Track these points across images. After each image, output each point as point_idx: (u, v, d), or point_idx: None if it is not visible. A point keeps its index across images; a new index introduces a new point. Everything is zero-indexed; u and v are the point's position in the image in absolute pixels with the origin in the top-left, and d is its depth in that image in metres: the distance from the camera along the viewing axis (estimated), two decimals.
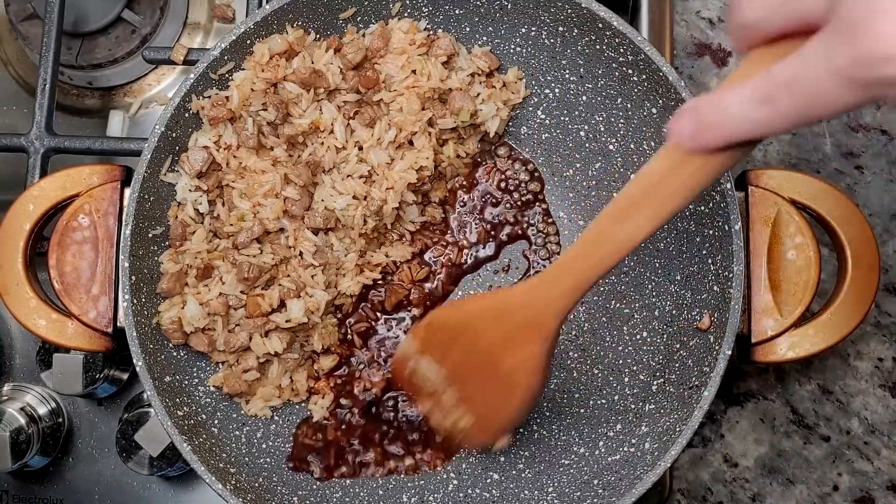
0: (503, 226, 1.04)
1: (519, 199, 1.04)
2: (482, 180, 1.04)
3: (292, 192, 0.94)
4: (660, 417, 0.91)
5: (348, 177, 0.96)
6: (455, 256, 1.04)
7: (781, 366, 1.11)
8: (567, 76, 0.99)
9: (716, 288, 0.90)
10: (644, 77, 0.92)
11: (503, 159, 1.05)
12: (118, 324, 0.92)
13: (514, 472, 0.98)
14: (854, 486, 1.09)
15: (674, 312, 0.96)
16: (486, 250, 1.04)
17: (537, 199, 1.04)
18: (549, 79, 1.01)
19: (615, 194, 0.70)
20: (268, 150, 0.95)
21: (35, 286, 0.93)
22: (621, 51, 0.92)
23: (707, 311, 0.91)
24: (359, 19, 0.97)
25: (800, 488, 1.10)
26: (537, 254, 1.04)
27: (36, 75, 1.07)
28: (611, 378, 0.99)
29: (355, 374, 1.02)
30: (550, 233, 1.04)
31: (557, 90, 1.01)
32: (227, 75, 0.94)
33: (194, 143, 0.94)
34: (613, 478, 0.90)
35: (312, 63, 0.95)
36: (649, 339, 0.97)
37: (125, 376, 1.07)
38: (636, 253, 0.99)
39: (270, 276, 0.95)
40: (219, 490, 0.87)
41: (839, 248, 0.92)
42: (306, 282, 0.95)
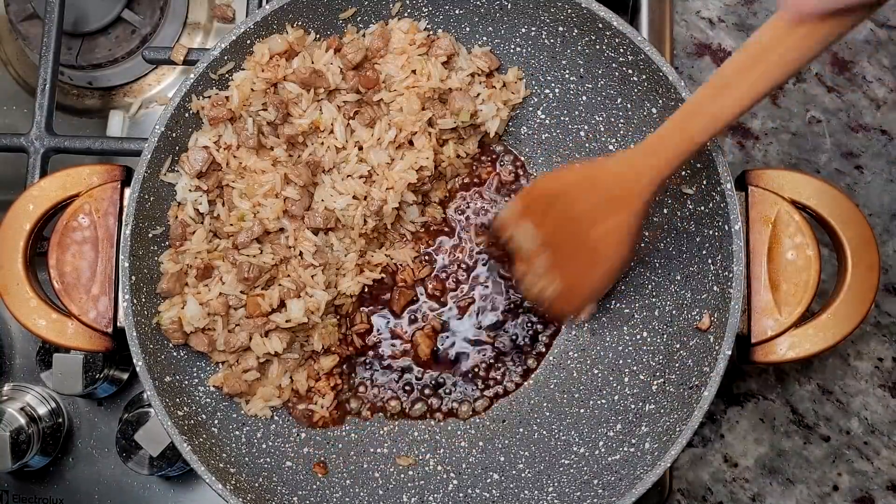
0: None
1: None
2: (482, 180, 1.04)
3: (292, 192, 0.94)
4: (660, 417, 0.91)
5: (348, 177, 0.96)
6: (458, 256, 1.04)
7: (781, 366, 1.11)
8: (567, 76, 0.99)
9: (716, 288, 0.90)
10: (644, 77, 0.92)
11: (503, 159, 1.05)
12: (118, 324, 0.92)
13: (514, 472, 0.98)
14: (854, 486, 1.09)
15: (674, 312, 0.95)
16: (486, 249, 1.04)
17: None
18: (549, 79, 1.00)
19: (718, 68, 0.71)
20: (268, 150, 0.95)
21: (35, 286, 0.93)
22: (621, 51, 0.92)
23: (707, 311, 0.91)
24: (359, 19, 0.97)
25: (800, 488, 1.10)
26: None
27: (36, 75, 1.07)
28: (611, 378, 0.99)
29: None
30: None
31: (557, 90, 1.01)
32: (227, 75, 0.94)
33: (194, 143, 0.94)
34: (613, 478, 0.90)
35: (312, 63, 0.95)
36: (649, 339, 0.97)
37: (125, 376, 1.07)
38: (636, 253, 0.99)
39: (270, 276, 0.95)
40: (219, 490, 0.87)
41: (839, 248, 0.92)
42: (306, 282, 0.95)
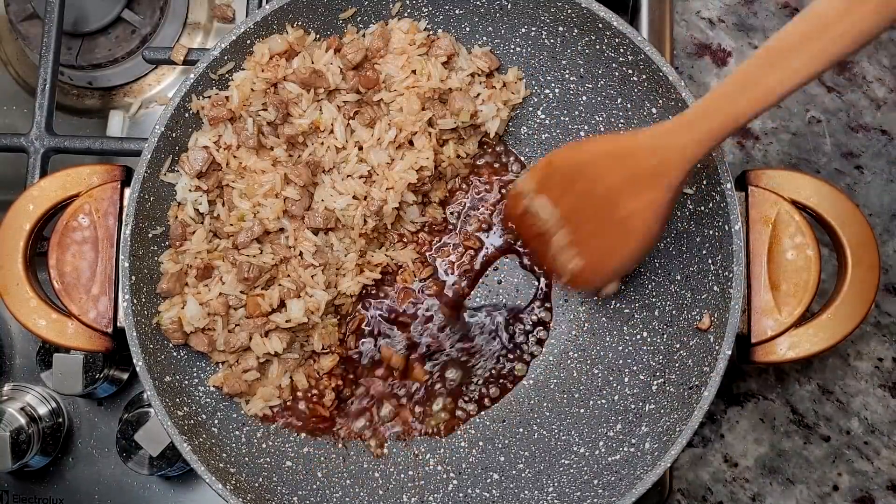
0: (500, 226, 1.04)
1: None
2: (482, 180, 1.04)
3: (292, 192, 0.94)
4: (660, 417, 0.91)
5: (348, 177, 0.96)
6: (460, 256, 1.04)
7: (781, 366, 1.11)
8: (567, 76, 0.99)
9: (716, 288, 0.90)
10: (644, 77, 0.92)
11: (502, 159, 1.05)
12: (118, 324, 0.92)
13: (514, 472, 0.98)
14: (854, 486, 1.09)
15: (674, 312, 0.95)
16: (487, 250, 1.04)
17: None
18: (549, 79, 1.00)
19: (769, 38, 0.64)
20: (268, 150, 0.95)
21: (35, 286, 0.93)
22: (621, 51, 0.92)
23: (707, 311, 0.91)
24: (359, 19, 0.97)
25: (800, 488, 1.10)
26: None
27: (36, 75, 1.07)
28: (611, 378, 0.99)
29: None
30: None
31: (557, 90, 1.01)
32: (227, 75, 0.94)
33: (194, 143, 0.94)
34: (613, 478, 0.90)
35: (312, 63, 0.95)
36: (649, 339, 0.97)
37: (125, 376, 1.07)
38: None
39: (270, 276, 0.95)
40: (219, 490, 0.87)
41: (839, 248, 0.92)
42: (306, 282, 0.95)
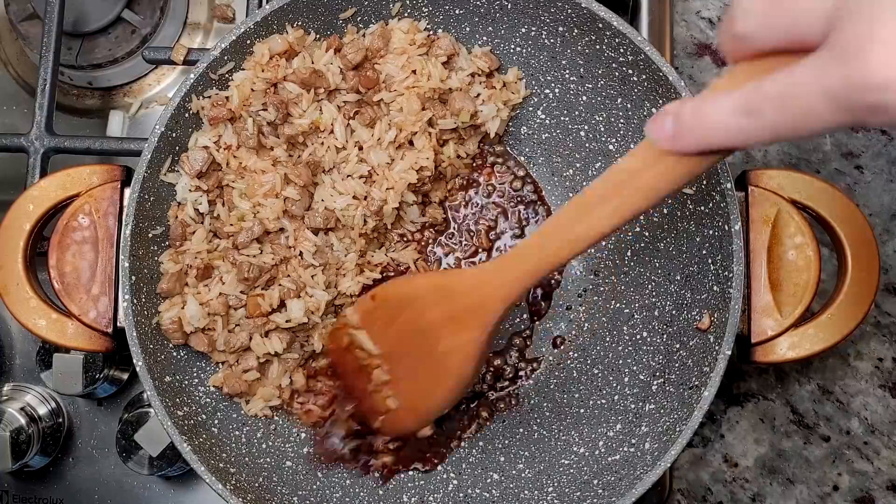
0: (503, 225, 1.04)
1: (519, 199, 1.04)
2: (482, 180, 1.05)
3: (292, 192, 0.94)
4: (660, 417, 0.91)
5: (348, 177, 0.96)
6: (463, 255, 1.04)
7: (781, 366, 1.11)
8: (567, 76, 0.99)
9: (716, 288, 0.90)
10: (644, 77, 0.92)
11: (502, 159, 1.05)
12: (118, 324, 0.92)
13: (514, 472, 0.98)
14: (854, 486, 1.09)
15: (674, 312, 0.95)
16: (487, 250, 1.04)
17: (537, 199, 1.04)
18: (549, 79, 1.00)
19: (584, 188, 0.70)
20: (268, 150, 0.95)
21: (35, 286, 0.93)
22: (621, 51, 0.92)
23: (707, 311, 0.91)
24: (359, 19, 0.97)
25: (800, 488, 1.09)
26: None
27: (36, 75, 1.07)
28: (611, 378, 0.99)
29: None
30: None
31: (557, 90, 1.01)
32: (227, 75, 0.94)
33: (194, 143, 0.94)
34: (613, 478, 0.90)
35: (312, 63, 0.95)
36: (649, 339, 0.97)
37: (125, 376, 1.07)
38: (636, 253, 0.99)
39: (270, 276, 0.95)
40: (219, 490, 0.87)
41: (839, 248, 0.92)
42: (306, 282, 0.95)
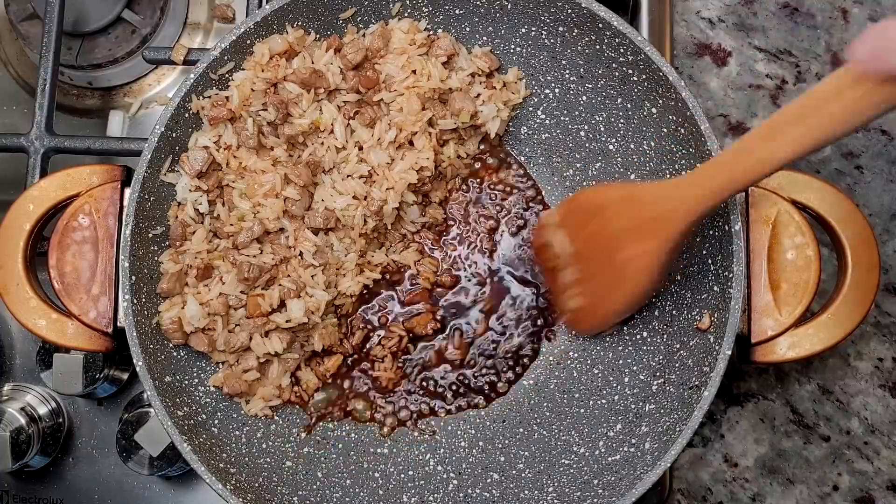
0: (503, 225, 1.04)
1: (519, 199, 1.04)
2: (482, 180, 1.04)
3: (292, 192, 0.94)
4: (660, 417, 0.91)
5: (348, 177, 0.96)
6: (464, 254, 1.04)
7: (781, 366, 1.11)
8: (567, 76, 0.99)
9: (716, 288, 0.90)
10: (644, 77, 0.92)
11: (502, 159, 1.05)
12: (118, 324, 0.92)
13: (514, 472, 0.98)
14: (854, 486, 1.09)
15: (674, 312, 0.95)
16: (487, 249, 1.04)
17: (537, 199, 1.04)
18: (549, 79, 1.00)
19: (776, 111, 0.71)
20: (268, 150, 0.95)
21: (35, 286, 0.93)
22: (621, 51, 0.92)
23: (707, 311, 0.91)
24: (359, 19, 0.97)
25: (800, 488, 1.09)
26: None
27: (36, 75, 1.07)
28: (611, 378, 0.99)
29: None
30: None
31: (557, 90, 1.01)
32: (227, 75, 0.94)
33: (194, 143, 0.94)
34: (613, 478, 0.90)
35: (312, 63, 0.95)
36: (649, 339, 0.97)
37: (125, 376, 1.07)
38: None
39: (270, 276, 0.95)
40: (219, 490, 0.87)
41: (839, 248, 0.92)
42: (306, 282, 0.95)
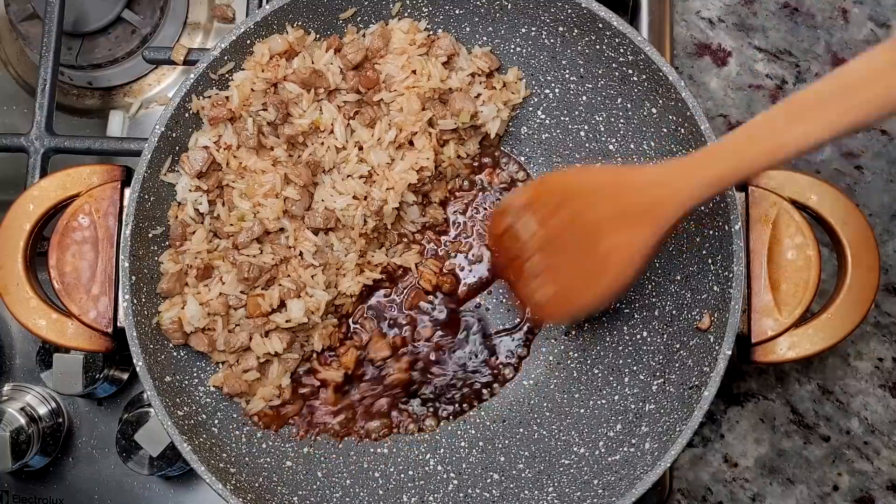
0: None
1: None
2: (483, 181, 1.04)
3: (292, 192, 0.94)
4: (660, 417, 0.91)
5: (348, 177, 0.96)
6: (466, 253, 1.04)
7: (781, 366, 1.11)
8: (567, 76, 0.99)
9: (716, 288, 0.90)
10: (644, 77, 0.92)
11: (502, 158, 1.05)
12: (118, 324, 0.92)
13: (514, 472, 0.98)
14: (854, 486, 1.09)
15: (674, 312, 0.95)
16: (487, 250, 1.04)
17: None
18: (549, 79, 1.00)
19: (795, 93, 0.58)
20: (268, 150, 0.95)
21: (35, 286, 0.93)
22: (621, 51, 0.92)
23: (707, 311, 0.91)
24: (359, 19, 0.97)
25: (800, 488, 1.10)
26: None
27: (36, 75, 1.07)
28: (611, 378, 0.99)
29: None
30: None
31: (557, 90, 1.01)
32: (227, 75, 0.94)
33: (194, 143, 0.94)
34: (613, 478, 0.90)
35: (312, 63, 0.95)
36: (649, 339, 0.97)
37: (125, 376, 1.07)
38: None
39: (270, 276, 0.95)
40: (219, 490, 0.87)
41: (839, 248, 0.92)
42: (306, 282, 0.95)
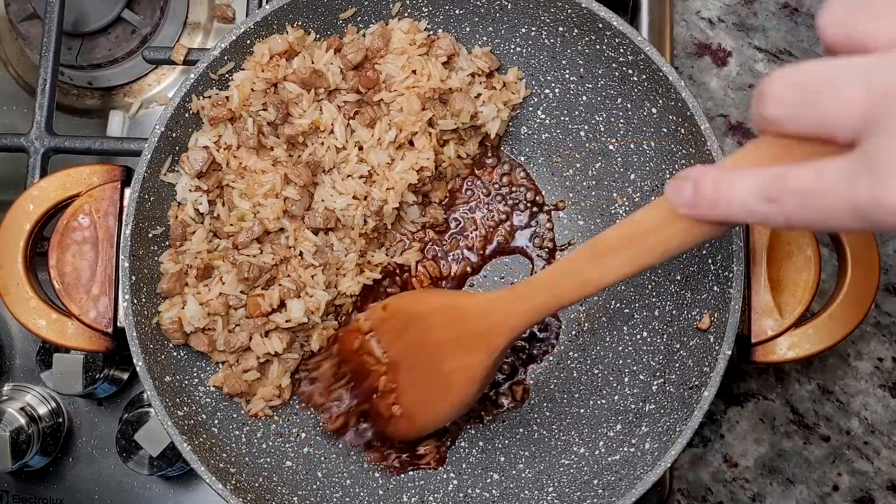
0: (503, 225, 1.04)
1: (519, 200, 1.04)
2: (483, 180, 1.05)
3: (292, 192, 0.94)
4: (660, 417, 0.91)
5: (348, 177, 0.96)
6: (465, 253, 1.04)
7: (781, 366, 1.11)
8: (567, 76, 0.99)
9: (716, 288, 0.90)
10: (644, 77, 0.92)
11: (502, 159, 1.05)
12: (118, 324, 0.92)
13: (514, 472, 0.98)
14: (854, 486, 1.09)
15: (674, 312, 0.95)
16: (488, 249, 1.04)
17: (537, 199, 1.04)
18: (549, 79, 1.00)
19: (599, 234, 0.72)
20: (268, 150, 0.95)
21: (35, 286, 0.93)
22: (621, 51, 0.92)
23: (707, 311, 0.91)
24: (359, 19, 0.97)
25: (800, 488, 1.10)
26: (537, 254, 1.04)
27: (36, 75, 1.07)
28: (611, 378, 0.99)
29: None
30: (548, 230, 1.04)
31: (557, 90, 1.01)
32: (227, 75, 0.94)
33: (194, 143, 0.94)
34: (613, 478, 0.90)
35: (312, 63, 0.95)
36: (649, 339, 0.97)
37: (125, 376, 1.07)
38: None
39: (270, 276, 0.95)
40: (219, 490, 0.87)
41: (839, 248, 0.92)
42: (306, 282, 0.95)
